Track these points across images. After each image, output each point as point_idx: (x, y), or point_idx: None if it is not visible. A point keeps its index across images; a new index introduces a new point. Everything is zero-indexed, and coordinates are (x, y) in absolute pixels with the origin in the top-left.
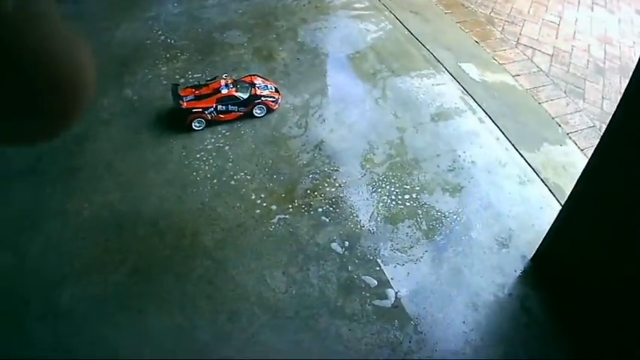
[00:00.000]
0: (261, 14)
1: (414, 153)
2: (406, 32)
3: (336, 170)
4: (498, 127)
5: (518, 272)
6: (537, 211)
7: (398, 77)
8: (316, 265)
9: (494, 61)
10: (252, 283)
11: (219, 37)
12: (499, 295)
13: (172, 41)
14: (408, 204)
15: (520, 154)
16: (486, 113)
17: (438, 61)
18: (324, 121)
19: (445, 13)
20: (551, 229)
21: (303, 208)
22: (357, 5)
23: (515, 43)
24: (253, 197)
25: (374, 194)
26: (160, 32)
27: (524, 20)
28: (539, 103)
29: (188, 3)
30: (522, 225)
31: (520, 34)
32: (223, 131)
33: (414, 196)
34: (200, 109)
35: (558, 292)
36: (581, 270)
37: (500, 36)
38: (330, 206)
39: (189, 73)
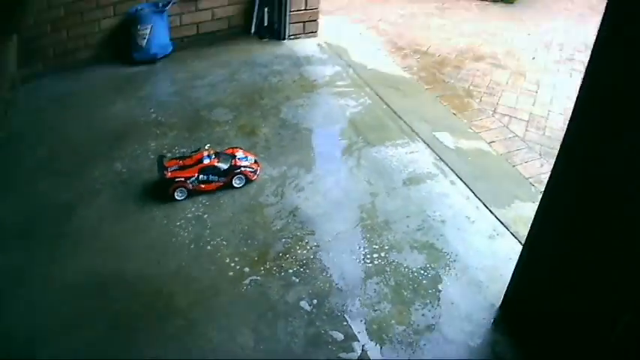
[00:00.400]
0: (248, 93)
1: (384, 215)
2: (384, 107)
3: (309, 234)
4: (469, 188)
5: (488, 320)
6: (506, 262)
7: (373, 147)
8: (284, 322)
9: (470, 130)
10: (222, 341)
11: (206, 115)
12: (469, 343)
13: (163, 119)
14: (376, 262)
15: (490, 211)
16: (458, 176)
17: (414, 131)
18: (299, 190)
19: (425, 89)
20: (514, 273)
21: (275, 269)
22: (339, 83)
23: (492, 112)
24: (227, 261)
25: (344, 255)
26: (152, 110)
27: (503, 91)
28: (514, 166)
29: (181, 83)
30: (491, 276)
31: (497, 103)
32: (204, 201)
33: (382, 254)
34: (183, 179)
35: (527, 334)
36: (545, 310)
37: (478, 107)
38: (301, 267)
39: (176, 147)
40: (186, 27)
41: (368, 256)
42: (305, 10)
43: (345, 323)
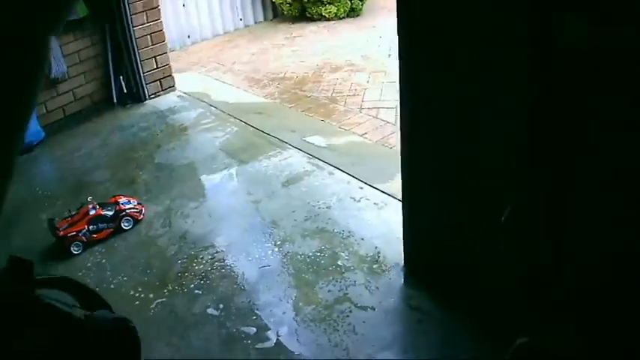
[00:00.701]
0: (121, 152)
1: (270, 216)
2: (252, 129)
3: (202, 250)
4: (348, 173)
5: (396, 279)
6: (399, 225)
7: (247, 164)
8: (196, 330)
9: (340, 129)
10: None
11: (87, 179)
12: (383, 303)
13: (48, 193)
14: (272, 257)
15: (374, 187)
16: (335, 167)
17: (283, 141)
18: (186, 216)
19: (289, 107)
20: (404, 231)
21: (177, 288)
22: (204, 121)
23: (359, 110)
24: (132, 292)
25: (240, 259)
26: (37, 189)
27: (365, 89)
28: (391, 148)
29: (59, 160)
30: (388, 240)
31: (362, 101)
32: (100, 249)
33: (276, 250)
34: (74, 233)
35: (436, 282)
36: (443, 254)
37: (344, 108)
38: (202, 280)
39: (66, 213)
40: (52, 113)
41: (263, 254)
42: (157, 68)
43: (255, 317)
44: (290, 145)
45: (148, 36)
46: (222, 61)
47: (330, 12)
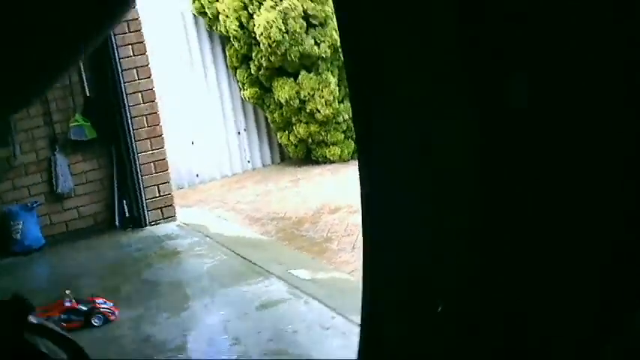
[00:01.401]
0: (113, 266)
1: (235, 333)
2: (241, 259)
3: (159, 353)
4: (324, 303)
5: None
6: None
7: (227, 288)
8: None
9: (328, 266)
10: None
11: (74, 282)
12: None
13: (34, 288)
14: None
15: (346, 317)
16: (313, 297)
17: (269, 272)
18: (154, 324)
19: (283, 245)
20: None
21: None
22: (197, 249)
23: (351, 249)
24: None
25: None
26: (25, 282)
27: (360, 230)
28: None
29: (54, 264)
30: None
31: (356, 240)
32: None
33: None
34: (45, 318)
35: None
36: None
37: (337, 247)
38: None
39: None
40: (56, 225)
41: None
42: (159, 196)
43: None
44: (274, 275)
45: (152, 163)
46: (226, 200)
47: (334, 154)
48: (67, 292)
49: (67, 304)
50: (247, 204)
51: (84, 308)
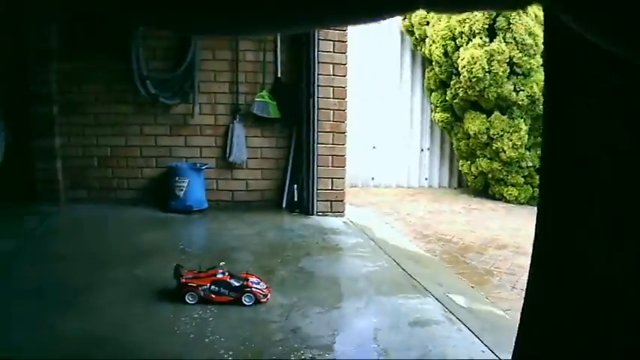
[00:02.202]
0: (271, 246)
1: (385, 345)
2: (401, 271)
3: (305, 348)
4: (476, 335)
5: None
6: None
7: (383, 297)
8: None
9: (485, 299)
10: None
11: (229, 255)
12: None
13: (189, 250)
14: None
15: (495, 354)
16: (466, 326)
17: (427, 289)
18: (306, 316)
19: (445, 266)
20: None
21: None
22: (359, 249)
23: (511, 287)
24: (222, 352)
25: None
26: (180, 243)
27: (524, 272)
28: None
29: (211, 231)
30: None
31: (517, 281)
32: (212, 309)
33: None
34: (195, 285)
35: None
36: None
37: (497, 283)
38: None
39: (195, 270)
40: (222, 192)
41: None
42: (331, 189)
43: None
44: (431, 294)
45: (330, 157)
46: (397, 209)
47: (511, 194)
48: (222, 263)
49: (220, 275)
50: (417, 219)
51: (236, 284)
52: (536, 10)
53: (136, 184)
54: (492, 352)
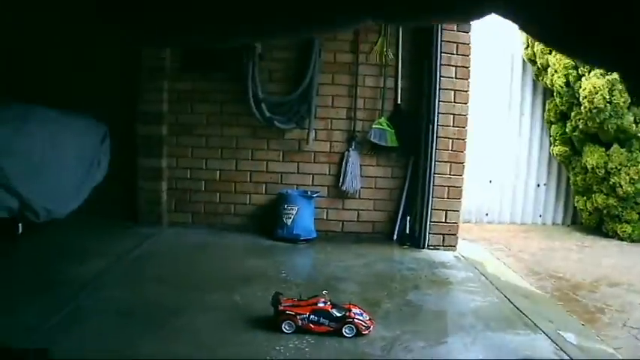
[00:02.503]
0: (379, 278)
1: None
2: (511, 306)
3: None
4: None
5: None
6: None
7: (491, 332)
8: None
9: (596, 337)
10: None
11: (334, 284)
12: None
13: (291, 278)
14: None
15: None
16: None
17: (537, 326)
18: (409, 351)
19: (556, 304)
20: None
21: None
22: (469, 284)
23: (622, 325)
24: None
25: None
26: (283, 271)
27: (636, 310)
28: None
29: (317, 261)
30: None
31: (628, 319)
32: (309, 339)
33: None
34: (294, 313)
35: None
36: None
37: (608, 321)
38: None
39: (296, 298)
40: (331, 222)
41: None
42: (445, 222)
43: None
44: (542, 331)
45: (446, 188)
46: (510, 245)
47: (624, 231)
48: (325, 292)
49: (321, 304)
50: (529, 255)
51: (337, 314)
52: None
53: (243, 210)
54: None
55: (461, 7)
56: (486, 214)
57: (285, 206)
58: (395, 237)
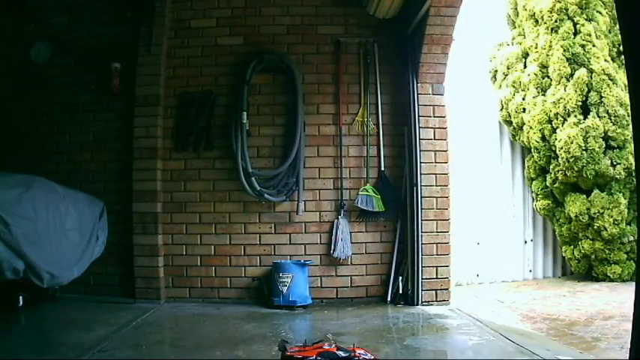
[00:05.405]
0: (376, 330)
1: None
2: (507, 341)
3: None
4: None
5: None
6: None
7: None
8: None
9: (594, 358)
10: None
11: (333, 337)
12: None
13: (291, 336)
14: None
15: None
16: None
17: (534, 353)
18: None
19: (552, 339)
20: None
21: None
22: (465, 328)
23: (619, 348)
24: None
25: None
26: (282, 331)
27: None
28: None
29: (315, 322)
30: None
31: (625, 342)
32: None
33: None
34: (300, 357)
35: None
36: None
37: (606, 346)
38: None
39: (301, 344)
40: (325, 289)
41: None
42: (436, 278)
43: None
44: (540, 357)
45: (435, 245)
46: (502, 299)
47: (614, 272)
48: (329, 335)
49: (327, 346)
50: (523, 304)
51: (342, 354)
52: (623, 78)
53: (238, 283)
54: None
55: None
56: (477, 275)
57: (280, 274)
58: (389, 298)
